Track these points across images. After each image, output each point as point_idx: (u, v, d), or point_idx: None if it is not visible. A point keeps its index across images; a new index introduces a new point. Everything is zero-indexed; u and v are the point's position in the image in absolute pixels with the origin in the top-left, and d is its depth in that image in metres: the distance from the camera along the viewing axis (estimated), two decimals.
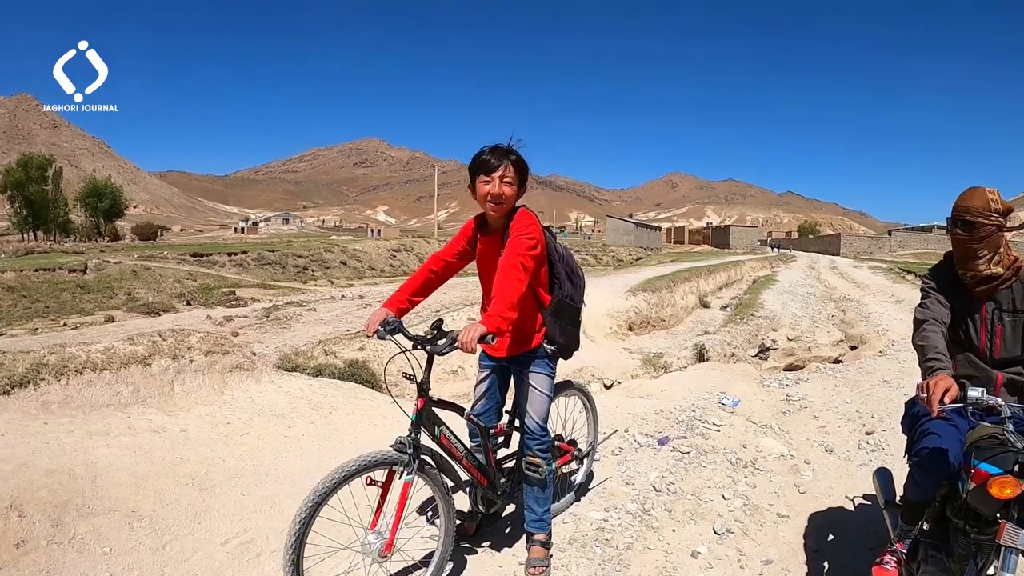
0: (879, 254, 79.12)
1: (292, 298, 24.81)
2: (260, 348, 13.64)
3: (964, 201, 2.95)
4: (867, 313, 16.13)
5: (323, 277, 35.98)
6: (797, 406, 6.90)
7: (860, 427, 6.33)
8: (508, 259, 3.16)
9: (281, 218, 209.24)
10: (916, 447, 2.97)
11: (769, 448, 5.65)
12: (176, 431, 5.29)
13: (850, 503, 4.71)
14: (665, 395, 7.03)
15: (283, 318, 18.73)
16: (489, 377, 3.76)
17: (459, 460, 3.41)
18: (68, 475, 4.17)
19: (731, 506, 4.59)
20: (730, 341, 11.72)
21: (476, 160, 3.29)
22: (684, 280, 21.21)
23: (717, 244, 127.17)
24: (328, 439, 5.68)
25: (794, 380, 8.11)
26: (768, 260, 50.87)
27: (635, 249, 77.61)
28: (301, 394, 6.53)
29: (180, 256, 33.63)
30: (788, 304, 17.79)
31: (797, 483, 5.04)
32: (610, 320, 13.67)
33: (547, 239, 3.45)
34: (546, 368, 3.60)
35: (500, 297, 3.02)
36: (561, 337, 3.58)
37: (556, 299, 3.52)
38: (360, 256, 42.73)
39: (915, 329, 2.99)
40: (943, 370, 2.63)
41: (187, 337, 6.51)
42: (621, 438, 5.68)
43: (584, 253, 63.91)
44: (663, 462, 5.20)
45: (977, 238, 2.91)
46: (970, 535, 2.67)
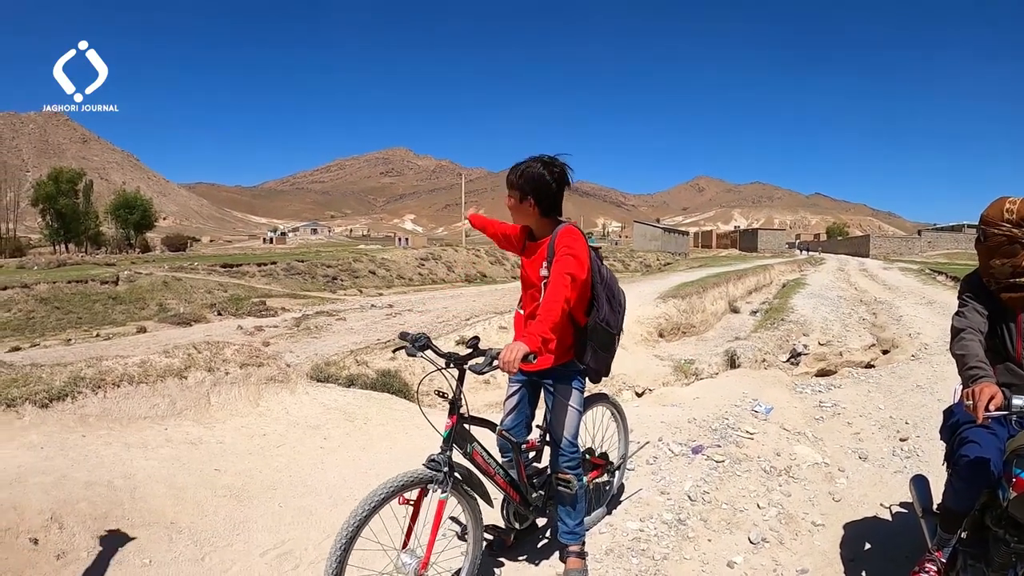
0: (909, 255, 78.09)
1: (322, 308, 25.01)
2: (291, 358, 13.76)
3: (985, 210, 2.96)
4: (899, 316, 15.93)
5: (352, 286, 36.26)
6: (830, 412, 6.83)
7: (894, 433, 6.26)
8: (555, 277, 3.14)
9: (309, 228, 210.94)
10: (956, 455, 2.95)
11: (803, 456, 5.60)
12: (213, 443, 5.35)
13: (886, 511, 4.64)
14: (697, 403, 6.99)
15: (313, 328, 18.88)
16: (519, 391, 3.71)
17: (492, 476, 3.39)
18: (107, 487, 4.23)
19: (766, 515, 4.56)
20: (761, 347, 11.63)
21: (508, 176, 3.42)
22: (713, 285, 21.07)
23: (745, 248, 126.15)
24: (364, 450, 5.71)
25: (827, 386, 8.04)
26: (797, 263, 50.39)
27: (663, 254, 77.25)
28: (335, 405, 6.57)
29: (210, 267, 34.00)
30: (818, 308, 17.62)
31: (832, 491, 5.00)
32: (640, 327, 13.62)
33: (592, 259, 3.42)
34: (577, 383, 3.57)
35: (544, 314, 3.00)
36: (592, 360, 3.52)
37: (592, 321, 3.46)
38: (388, 265, 42.98)
39: (953, 337, 2.97)
40: (986, 378, 2.60)
41: (222, 349, 6.58)
42: (655, 447, 5.65)
43: (612, 259, 63.69)
44: (697, 471, 5.17)
45: (990, 246, 2.92)
46: (1010, 544, 2.64)
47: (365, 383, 8.50)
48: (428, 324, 14.33)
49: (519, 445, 3.55)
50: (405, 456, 3.05)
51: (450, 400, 3.11)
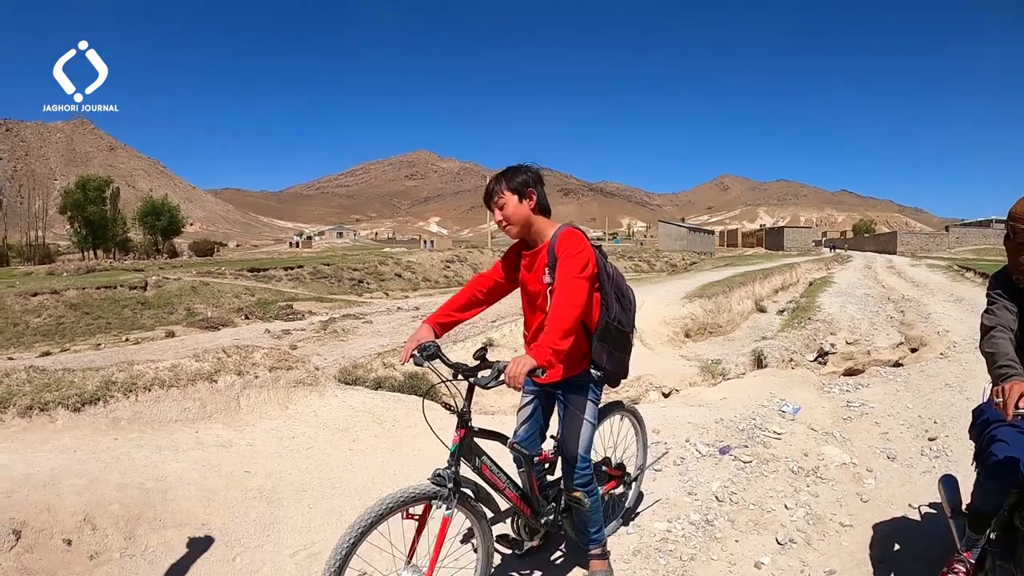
0: (936, 251, 77.10)
1: (348, 311, 25.14)
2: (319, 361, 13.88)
3: (1013, 207, 2.92)
4: (927, 314, 15.74)
5: (378, 289, 36.45)
6: (858, 412, 6.77)
7: (922, 433, 6.20)
8: (561, 283, 3.01)
9: (335, 231, 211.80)
10: (985, 454, 2.92)
11: (831, 456, 5.56)
12: (243, 445, 5.42)
13: (914, 511, 4.61)
14: (724, 403, 6.96)
15: (340, 331, 19.01)
16: (533, 402, 3.58)
17: (501, 491, 3.27)
18: (139, 489, 4.31)
19: (793, 516, 4.54)
20: (788, 346, 11.55)
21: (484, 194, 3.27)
22: (740, 285, 20.92)
23: (771, 246, 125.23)
24: (392, 452, 5.75)
25: (854, 385, 7.97)
26: (824, 261, 49.92)
27: (688, 254, 76.85)
28: (363, 408, 6.62)
29: (237, 271, 34.37)
30: (846, 306, 17.42)
31: (859, 492, 4.96)
32: (667, 327, 13.57)
33: (597, 258, 3.28)
34: (592, 395, 3.41)
35: (553, 324, 2.85)
36: (608, 363, 3.37)
37: (603, 322, 3.32)
38: (414, 268, 43.16)
39: (982, 336, 2.94)
40: (1017, 376, 2.57)
41: (251, 353, 6.66)
42: (683, 448, 5.65)
43: (637, 259, 63.50)
44: (725, 472, 5.16)
45: (1020, 243, 2.89)
46: None
47: (393, 385, 8.56)
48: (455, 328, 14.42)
49: (531, 458, 3.41)
50: (432, 459, 3.03)
51: (458, 413, 2.98)
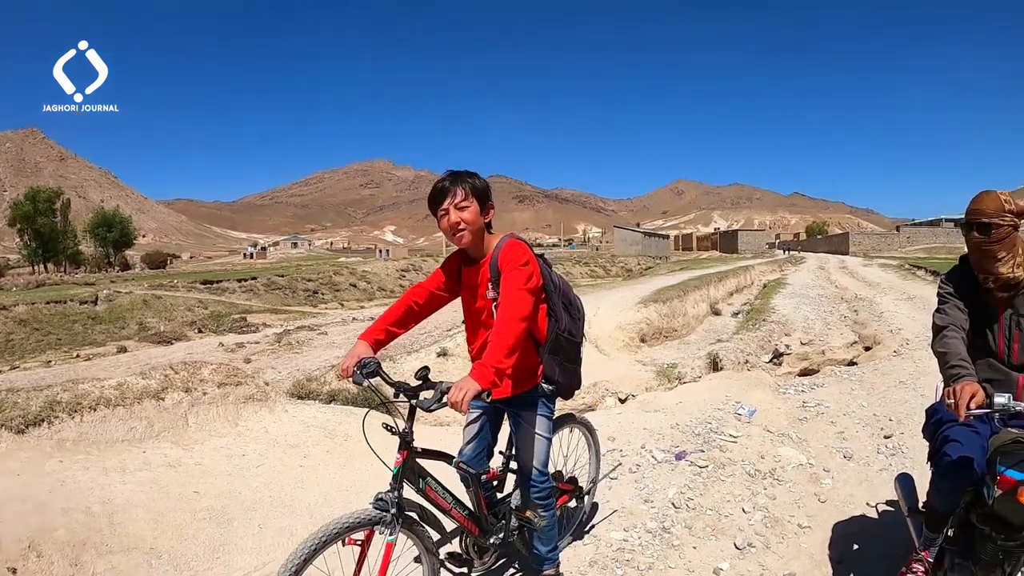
0: (888, 251, 78.90)
1: (303, 322, 24.95)
2: (273, 374, 13.69)
3: (978, 204, 2.95)
4: (880, 312, 16.02)
5: (333, 300, 36.23)
6: (814, 412, 6.84)
7: (878, 431, 6.27)
8: (505, 297, 2.91)
9: (289, 242, 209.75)
10: (939, 454, 2.95)
11: (787, 457, 5.60)
12: (192, 465, 5.29)
13: (872, 510, 4.65)
14: (680, 408, 6.98)
15: (295, 343, 18.84)
16: (480, 419, 3.48)
17: (448, 511, 3.17)
18: (85, 513, 4.19)
19: (751, 519, 4.54)
20: (743, 348, 11.63)
21: (430, 195, 3.08)
22: (694, 288, 21.08)
23: (726, 249, 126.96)
24: (344, 467, 5.65)
25: (809, 385, 8.05)
26: (777, 263, 50.68)
27: (644, 258, 77.55)
28: (315, 422, 6.51)
29: (190, 284, 33.91)
30: (800, 307, 17.70)
31: (817, 492, 4.99)
32: (622, 333, 13.61)
33: (542, 268, 3.21)
34: (544, 409, 3.34)
35: (496, 342, 2.75)
36: (561, 376, 3.31)
37: (553, 334, 3.26)
38: (369, 278, 42.94)
39: (934, 335, 2.98)
40: (968, 376, 2.61)
41: (199, 369, 6.52)
42: (639, 455, 5.64)
43: (593, 265, 63.94)
44: (681, 477, 5.15)
45: (995, 239, 2.91)
46: (997, 542, 2.65)
47: (347, 398, 8.45)
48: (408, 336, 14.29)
49: (478, 477, 3.36)
50: (387, 473, 2.95)
51: (399, 434, 2.87)
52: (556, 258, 68.61)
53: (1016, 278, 2.94)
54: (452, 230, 3.04)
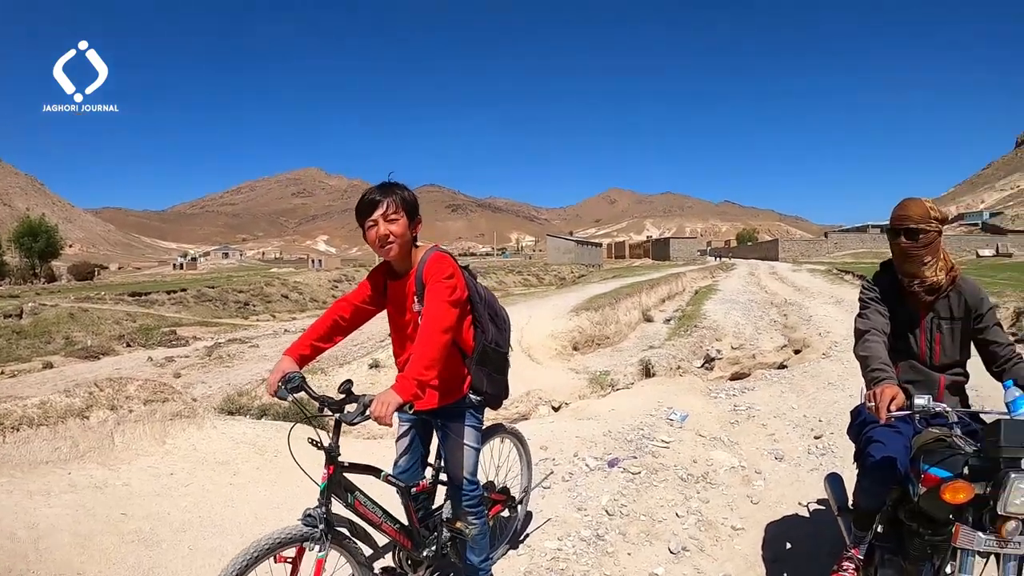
0: (817, 256, 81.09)
1: (234, 335, 24.55)
2: (204, 389, 13.38)
3: (905, 211, 3.06)
4: (808, 316, 16.42)
5: (265, 312, 35.65)
6: (745, 415, 6.95)
7: (808, 432, 6.40)
8: (429, 310, 2.94)
9: (220, 252, 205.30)
10: (863, 455, 3.07)
11: (720, 461, 5.67)
12: (119, 486, 5.11)
13: (804, 509, 4.76)
14: (613, 415, 7.01)
15: (225, 356, 18.52)
16: (410, 432, 3.51)
17: (378, 526, 3.15)
18: (9, 539, 4.01)
19: (685, 523, 4.58)
20: (675, 354, 11.81)
21: (358, 205, 3.07)
22: (626, 296, 21.30)
23: (658, 257, 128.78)
24: (275, 484, 5.53)
25: (740, 389, 8.18)
26: (709, 269, 51.64)
27: (577, 267, 78.14)
28: (245, 439, 6.36)
29: (118, 296, 32.91)
30: (730, 312, 18.07)
31: (750, 494, 5.07)
32: (555, 341, 13.66)
33: (467, 280, 3.26)
34: (473, 420, 3.38)
35: (418, 355, 2.80)
36: (489, 387, 3.37)
37: (480, 346, 3.31)
38: (301, 288, 42.40)
39: (856, 339, 3.06)
40: (888, 379, 2.69)
41: (125, 386, 6.32)
42: (571, 463, 5.63)
43: (526, 273, 64.20)
44: (614, 484, 5.17)
45: (922, 244, 3.01)
46: (924, 537, 2.73)
47: (277, 413, 8.26)
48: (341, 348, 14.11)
49: (407, 490, 3.33)
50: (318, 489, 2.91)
51: (325, 449, 2.84)
52: (489, 267, 68.75)
53: (939, 282, 3.06)
54: (380, 242, 3.03)
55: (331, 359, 13.09)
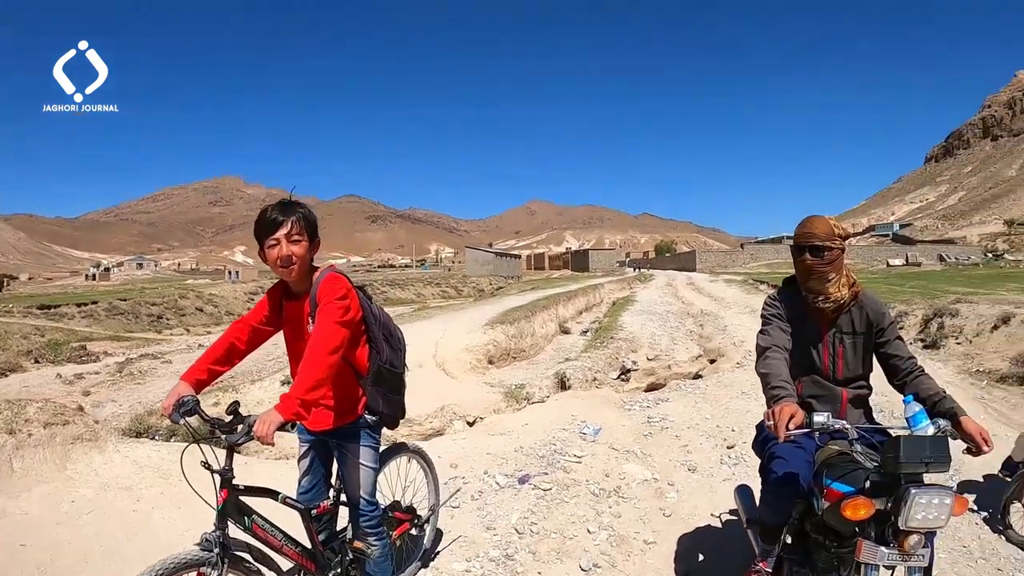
0: (733, 267, 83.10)
1: (147, 350, 23.89)
2: (114, 407, 12.90)
3: (810, 228, 3.10)
4: (724, 326, 16.73)
5: (179, 325, 34.70)
6: (659, 427, 6.98)
7: (721, 442, 6.47)
8: (318, 330, 2.95)
9: (135, 262, 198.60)
10: (766, 471, 3.09)
11: (632, 474, 5.67)
12: (18, 514, 4.87)
13: (717, 520, 4.78)
14: (526, 430, 6.98)
15: (137, 372, 17.95)
16: (310, 453, 3.51)
17: (279, 549, 3.12)
18: None
19: (596, 539, 4.56)
20: (591, 366, 11.85)
21: (259, 222, 3.05)
22: (543, 308, 21.36)
23: (577, 268, 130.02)
24: (179, 509, 5.32)
25: (655, 400, 8.24)
26: (627, 281, 52.29)
27: (496, 279, 78.35)
28: (149, 462, 6.13)
29: (26, 309, 31.71)
30: (647, 324, 18.31)
31: (662, 507, 5.08)
32: (469, 355, 13.58)
33: (362, 301, 3.29)
34: (369, 440, 3.40)
35: (303, 375, 2.82)
36: (385, 407, 3.39)
37: (375, 366, 3.34)
38: (216, 301, 41.38)
39: (758, 356, 3.08)
40: (787, 397, 2.69)
41: (24, 408, 6.04)
42: (481, 481, 5.58)
43: (445, 285, 64.15)
44: (524, 502, 5.12)
45: (827, 261, 3.05)
46: (831, 550, 2.76)
47: (186, 434, 7.98)
48: (258, 363, 13.80)
49: (307, 511, 3.32)
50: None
51: (219, 472, 2.83)
52: (408, 279, 68.50)
53: (842, 297, 3.10)
54: (282, 263, 3.04)
55: (244, 375, 12.80)
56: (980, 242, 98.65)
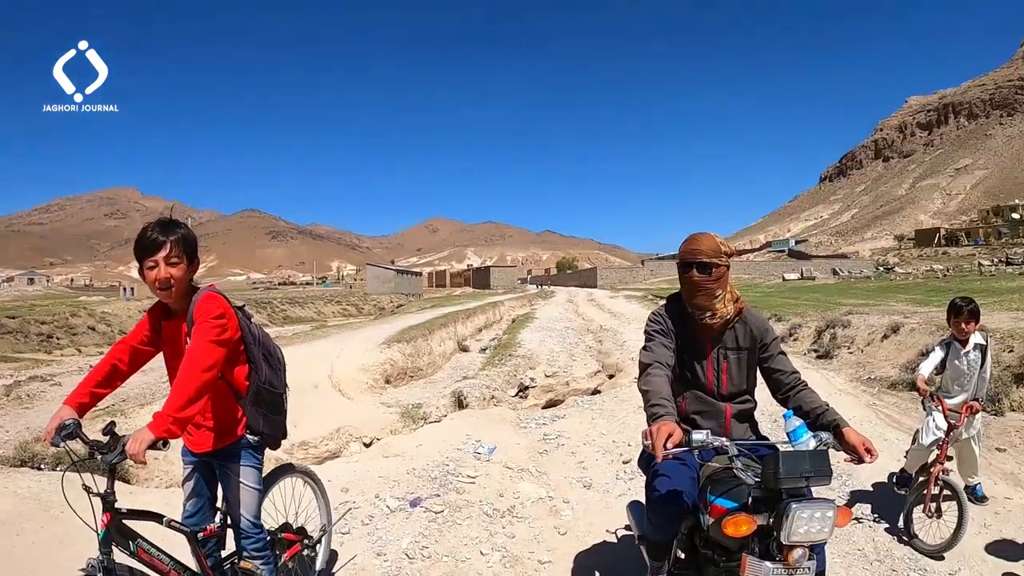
0: (634, 283, 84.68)
1: (36, 371, 22.69)
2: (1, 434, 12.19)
3: (697, 245, 3.13)
4: (623, 341, 16.96)
5: (70, 345, 33.10)
6: (555, 444, 6.98)
7: (617, 457, 6.50)
8: (192, 349, 2.94)
9: (26, 277, 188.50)
10: (650, 489, 3.10)
11: (527, 493, 5.64)
12: None
13: (613, 536, 4.80)
14: (420, 451, 6.87)
15: (24, 396, 17.00)
16: (194, 475, 3.46)
17: (166, 574, 3.07)
18: None
19: (490, 561, 4.51)
20: (489, 384, 11.82)
21: (138, 242, 3.04)
22: (441, 326, 21.30)
23: (478, 285, 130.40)
24: (62, 543, 5.02)
25: (552, 417, 8.25)
26: (528, 297, 52.62)
27: (397, 296, 77.94)
28: (30, 493, 5.79)
29: None
30: (545, 340, 18.43)
31: (557, 525, 5.06)
32: (366, 375, 13.38)
33: (240, 321, 3.27)
34: (251, 460, 3.38)
35: (175, 393, 2.80)
36: (265, 427, 3.38)
37: (255, 386, 3.32)
38: (110, 319, 39.63)
39: (640, 373, 3.08)
40: (666, 416, 2.69)
41: None
42: (372, 505, 5.45)
43: (346, 303, 63.45)
44: (416, 525, 5.03)
45: (714, 278, 3.08)
46: (720, 564, 2.77)
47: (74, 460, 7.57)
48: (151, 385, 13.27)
49: (193, 535, 3.29)
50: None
51: (101, 495, 2.81)
52: (308, 297, 67.50)
53: (727, 313, 3.14)
54: (161, 285, 3.03)
55: (134, 399, 12.33)
56: (872, 256, 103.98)
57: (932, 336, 11.59)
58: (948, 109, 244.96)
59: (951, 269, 60.02)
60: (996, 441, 7.05)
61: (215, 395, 3.13)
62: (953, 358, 5.14)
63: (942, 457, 4.84)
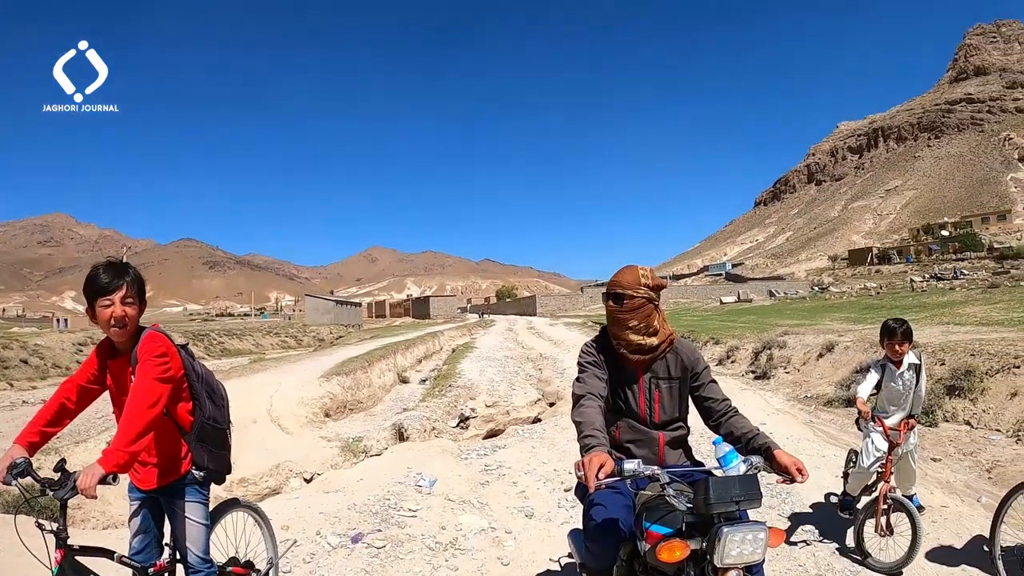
0: (573, 310, 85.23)
1: None
2: None
3: (618, 277, 3.24)
4: (563, 369, 17.06)
5: (2, 380, 31.96)
6: (496, 474, 7.01)
7: (559, 485, 6.55)
8: (137, 386, 3.00)
9: None
10: (586, 518, 3.16)
11: (469, 525, 5.65)
12: None
13: (556, 565, 4.83)
14: (361, 485, 6.83)
15: None
16: (141, 511, 3.45)
17: None
18: None
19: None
20: (429, 415, 11.78)
21: (92, 282, 3.09)
22: (381, 358, 21.17)
23: (418, 315, 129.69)
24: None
25: (493, 447, 8.27)
26: (467, 327, 52.53)
27: (336, 327, 77.19)
28: None
29: None
30: (485, 370, 18.45)
31: (500, 556, 5.08)
32: (305, 409, 13.22)
33: (183, 359, 3.33)
34: (197, 496, 3.43)
35: (123, 429, 2.86)
36: (210, 462, 3.44)
37: (199, 423, 3.38)
38: (43, 352, 38.34)
39: (573, 404, 3.14)
40: (598, 447, 2.74)
41: None
42: (314, 542, 5.39)
43: (284, 335, 62.61)
44: (357, 562, 4.99)
45: (627, 309, 3.17)
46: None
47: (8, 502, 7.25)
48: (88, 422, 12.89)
49: (144, 571, 3.33)
50: None
51: (54, 532, 2.89)
52: (246, 329, 66.51)
53: (649, 344, 3.22)
54: (116, 323, 3.10)
55: (69, 436, 11.96)
56: (807, 277, 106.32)
57: (866, 353, 11.94)
58: (878, 133, 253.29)
59: (884, 287, 61.83)
60: (931, 452, 7.30)
61: (160, 432, 3.17)
62: (888, 380, 5.24)
63: (887, 475, 4.96)
